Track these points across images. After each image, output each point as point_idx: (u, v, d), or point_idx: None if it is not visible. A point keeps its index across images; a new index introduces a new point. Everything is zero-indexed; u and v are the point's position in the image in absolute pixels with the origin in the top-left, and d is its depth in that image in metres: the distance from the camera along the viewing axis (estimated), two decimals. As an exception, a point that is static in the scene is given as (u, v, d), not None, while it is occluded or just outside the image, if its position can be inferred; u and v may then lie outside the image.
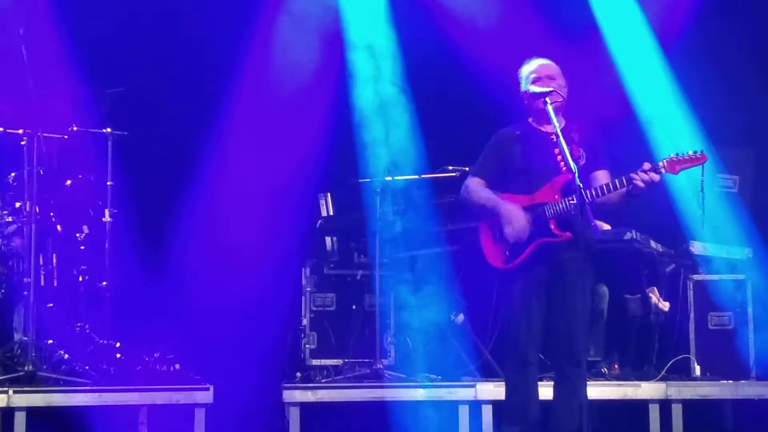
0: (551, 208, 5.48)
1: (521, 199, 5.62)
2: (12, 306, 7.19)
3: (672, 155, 5.47)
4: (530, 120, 5.78)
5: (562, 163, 5.43)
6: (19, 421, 6.36)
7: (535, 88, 5.58)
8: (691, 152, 5.48)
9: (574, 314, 5.52)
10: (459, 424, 6.95)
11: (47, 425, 6.68)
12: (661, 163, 5.42)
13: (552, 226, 5.49)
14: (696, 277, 7.52)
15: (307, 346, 7.57)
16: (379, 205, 7.62)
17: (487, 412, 6.91)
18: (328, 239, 7.88)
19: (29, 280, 6.88)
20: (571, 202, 5.42)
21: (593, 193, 5.43)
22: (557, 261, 5.55)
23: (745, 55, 8.44)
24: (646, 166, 5.40)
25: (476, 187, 5.79)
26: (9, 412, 6.37)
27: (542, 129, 5.66)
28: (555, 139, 5.52)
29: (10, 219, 7.06)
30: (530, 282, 5.62)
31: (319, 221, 7.96)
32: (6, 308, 7.21)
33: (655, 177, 5.37)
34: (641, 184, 5.37)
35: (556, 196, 5.48)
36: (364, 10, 8.50)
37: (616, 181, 5.47)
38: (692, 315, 7.46)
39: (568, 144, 5.41)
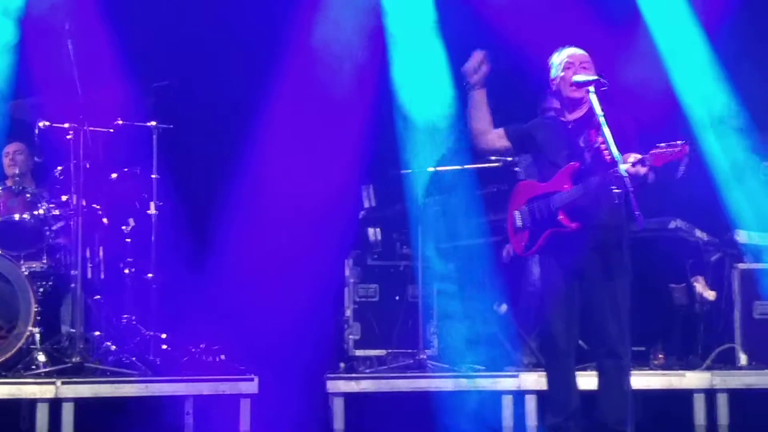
0: (558, 198, 5.41)
1: (536, 188, 5.62)
2: (59, 298, 7.26)
3: (656, 147, 5.25)
4: (555, 107, 5.82)
5: (606, 152, 5.19)
6: (67, 411, 6.38)
7: (579, 77, 5.41)
8: (671, 144, 5.17)
9: (602, 305, 5.43)
10: (502, 415, 6.90)
11: (95, 416, 6.67)
12: (648, 156, 5.16)
13: (560, 216, 5.40)
14: (741, 266, 7.42)
15: (350, 336, 7.55)
16: (422, 196, 7.63)
17: (530, 402, 6.88)
18: (371, 230, 7.85)
19: (76, 272, 6.91)
20: (583, 188, 5.31)
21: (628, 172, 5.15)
22: (580, 251, 5.42)
23: None
24: (632, 158, 5.16)
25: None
26: (57, 403, 6.39)
27: (566, 118, 5.59)
28: (571, 127, 5.50)
29: (57, 212, 7.13)
30: (554, 272, 5.57)
31: (362, 212, 7.97)
32: (53, 301, 7.22)
33: (641, 170, 5.11)
34: (668, 159, 5.14)
35: (566, 186, 5.40)
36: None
37: (645, 156, 5.20)
38: (737, 304, 7.36)
39: (601, 133, 5.26)
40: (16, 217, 7.16)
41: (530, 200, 5.58)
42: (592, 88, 5.31)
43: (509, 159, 7.41)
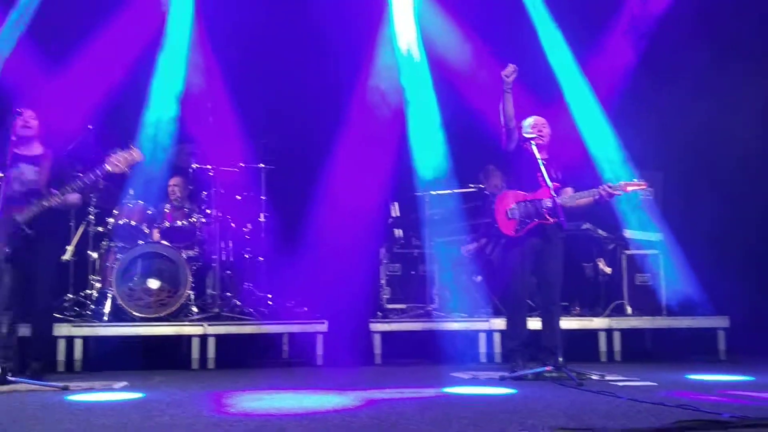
0: (545, 202, 5.63)
1: (522, 195, 5.77)
2: (205, 273, 7.49)
3: (625, 180, 5.80)
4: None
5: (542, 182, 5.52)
6: (211, 343, 6.75)
7: (526, 135, 5.64)
8: (636, 180, 5.82)
9: (552, 271, 5.76)
10: (478, 344, 7.12)
11: (227, 345, 6.94)
12: (620, 184, 5.70)
13: (546, 215, 5.64)
14: (627, 252, 7.56)
15: (384, 296, 7.60)
16: (427, 209, 7.76)
17: (497, 337, 7.06)
18: (396, 230, 7.80)
19: (215, 256, 7.36)
20: (547, 205, 5.59)
21: (568, 197, 5.63)
22: (546, 235, 5.71)
23: (656, 108, 8.25)
24: (610, 185, 5.65)
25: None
26: (204, 337, 6.77)
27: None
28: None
29: (203, 220, 7.40)
30: (527, 249, 5.74)
31: (390, 219, 7.89)
32: (201, 274, 7.42)
33: (616, 192, 5.67)
34: (606, 195, 5.66)
35: (548, 195, 5.57)
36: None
37: (591, 191, 5.68)
38: (625, 276, 7.52)
39: (546, 168, 5.53)
40: (179, 223, 7.42)
41: (519, 202, 5.76)
42: (533, 142, 5.56)
43: (481, 186, 7.71)
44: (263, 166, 7.73)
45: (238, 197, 7.72)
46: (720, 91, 8.03)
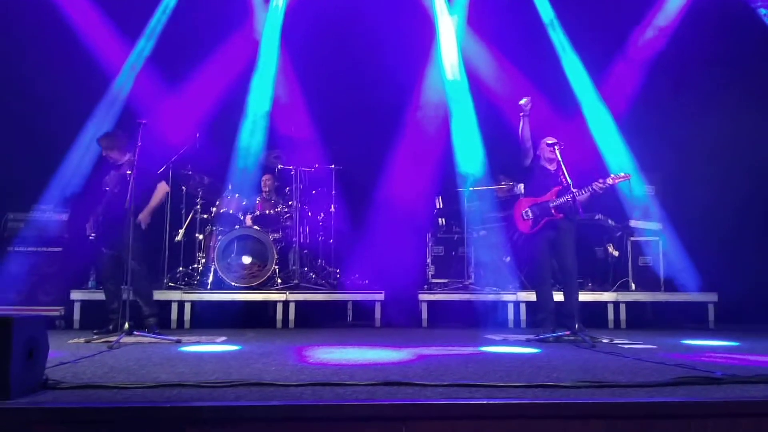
0: (552, 203, 5.68)
1: (534, 199, 5.79)
2: (287, 252, 7.57)
3: (612, 175, 5.69)
4: (542, 162, 5.81)
5: (564, 180, 5.54)
6: (292, 307, 6.84)
7: (547, 149, 5.71)
8: (622, 173, 5.71)
9: (567, 255, 5.69)
10: (508, 312, 7.11)
11: (305, 310, 7.03)
12: (609, 179, 5.62)
13: (553, 211, 5.67)
14: (632, 238, 7.48)
15: (429, 272, 7.61)
16: (466, 202, 7.68)
17: (522, 307, 7.05)
18: (440, 219, 7.81)
19: (295, 239, 7.36)
20: (565, 199, 5.56)
21: (578, 195, 5.52)
22: (557, 228, 5.68)
23: (658, 119, 8.07)
24: (600, 181, 5.60)
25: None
26: (286, 303, 6.83)
27: (547, 167, 5.78)
28: (553, 170, 5.69)
29: (286, 210, 7.44)
30: (543, 240, 5.74)
31: (435, 210, 7.89)
32: (285, 253, 7.51)
33: (605, 185, 5.59)
34: (599, 189, 5.61)
35: (554, 197, 5.69)
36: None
37: (587, 188, 5.60)
38: (630, 257, 7.44)
39: (554, 176, 5.70)
40: (268, 212, 7.46)
41: (532, 205, 5.78)
42: (556, 148, 5.62)
43: (511, 183, 7.63)
44: (334, 166, 7.75)
45: (314, 192, 7.75)
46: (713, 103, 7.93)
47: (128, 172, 5.38)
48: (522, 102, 5.74)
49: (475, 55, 8.53)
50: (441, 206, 7.96)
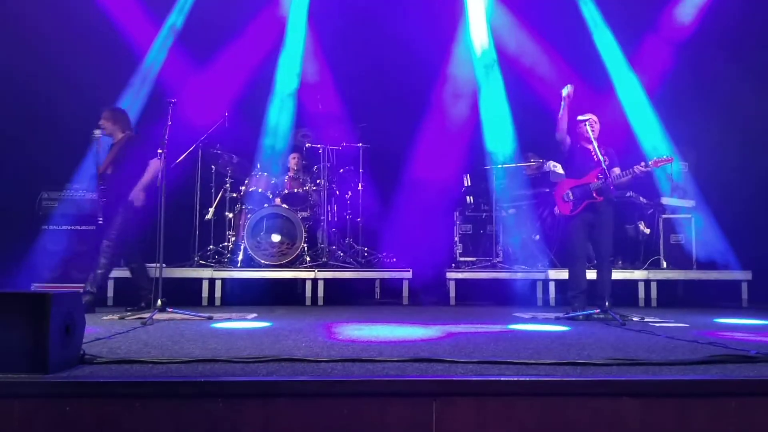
0: (593, 185, 5.60)
1: (575, 181, 5.75)
2: (315, 230, 7.52)
3: (655, 157, 5.60)
4: (582, 143, 5.74)
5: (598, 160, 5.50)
6: (320, 285, 6.91)
7: (590, 132, 5.58)
8: (664, 156, 5.62)
9: (605, 237, 5.65)
10: (536, 291, 7.15)
11: (334, 287, 7.11)
12: (651, 162, 5.53)
13: (594, 194, 5.60)
14: (664, 216, 7.45)
15: (457, 250, 7.62)
16: (494, 179, 7.64)
17: (552, 286, 7.06)
18: (468, 197, 7.80)
19: (323, 217, 7.34)
20: (601, 180, 5.52)
21: (615, 176, 5.55)
22: (597, 210, 5.63)
23: (693, 95, 7.96)
24: (643, 164, 5.52)
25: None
26: (315, 281, 6.90)
27: (587, 146, 5.69)
28: (592, 150, 5.62)
29: (314, 188, 7.45)
30: (583, 221, 5.69)
31: (463, 188, 7.89)
32: (313, 231, 7.48)
33: (648, 169, 5.53)
34: (641, 172, 5.54)
35: (594, 180, 5.61)
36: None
37: (629, 170, 5.55)
38: (662, 235, 7.40)
39: (593, 155, 5.59)
40: (296, 190, 7.46)
41: (573, 187, 5.72)
42: (588, 127, 5.57)
43: (540, 161, 7.62)
44: (361, 145, 7.73)
45: (342, 170, 7.75)
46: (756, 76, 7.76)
47: (159, 150, 5.41)
48: (564, 92, 5.69)
49: (505, 31, 8.43)
50: (469, 184, 7.93)
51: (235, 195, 7.44)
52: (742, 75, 7.78)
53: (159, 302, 5.13)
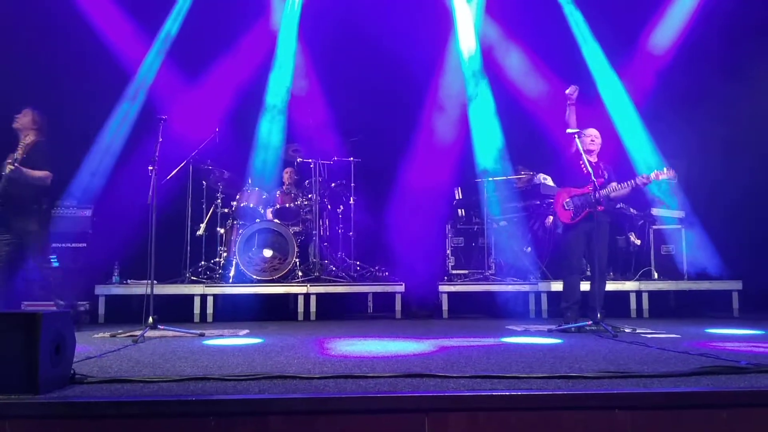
0: (594, 195, 5.53)
1: (575, 190, 5.74)
2: (307, 245, 7.50)
3: (656, 170, 5.61)
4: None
5: (593, 172, 5.52)
6: (313, 300, 6.87)
7: (579, 145, 5.60)
8: (665, 170, 5.61)
9: (601, 247, 5.64)
10: (529, 303, 7.10)
11: (326, 302, 7.05)
12: (652, 174, 5.57)
13: (595, 203, 5.55)
14: (654, 227, 7.48)
15: (449, 263, 7.58)
16: (485, 192, 7.63)
17: (544, 298, 7.04)
18: (459, 210, 7.78)
19: (315, 232, 7.30)
20: (596, 196, 5.48)
21: (613, 188, 5.60)
22: (596, 221, 5.57)
23: (681, 105, 7.91)
24: (644, 176, 5.58)
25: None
26: (307, 296, 6.86)
27: (588, 158, 5.66)
28: (595, 162, 5.70)
29: (306, 202, 7.40)
30: (580, 232, 5.72)
31: (455, 201, 7.87)
32: (305, 246, 7.44)
33: (648, 181, 5.59)
34: (641, 184, 5.63)
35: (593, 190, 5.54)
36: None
37: (629, 182, 5.60)
38: (652, 246, 7.43)
39: (595, 168, 5.59)
40: (288, 205, 7.42)
41: (574, 196, 5.72)
42: (580, 145, 5.58)
43: (531, 173, 7.59)
44: (353, 159, 7.73)
45: (333, 184, 7.74)
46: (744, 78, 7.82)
47: (150, 167, 5.37)
48: (568, 91, 5.76)
49: (494, 45, 8.47)
50: (460, 197, 7.92)
51: (226, 210, 7.42)
52: (730, 85, 7.82)
53: (150, 319, 5.09)
